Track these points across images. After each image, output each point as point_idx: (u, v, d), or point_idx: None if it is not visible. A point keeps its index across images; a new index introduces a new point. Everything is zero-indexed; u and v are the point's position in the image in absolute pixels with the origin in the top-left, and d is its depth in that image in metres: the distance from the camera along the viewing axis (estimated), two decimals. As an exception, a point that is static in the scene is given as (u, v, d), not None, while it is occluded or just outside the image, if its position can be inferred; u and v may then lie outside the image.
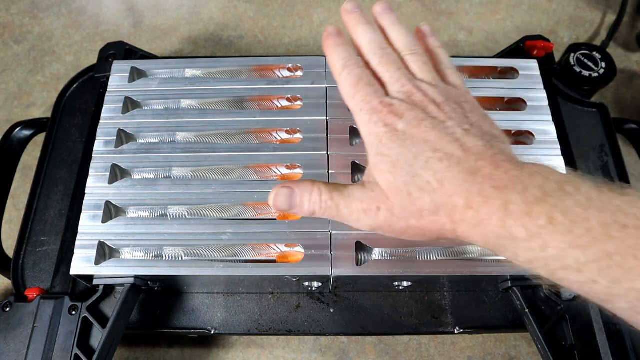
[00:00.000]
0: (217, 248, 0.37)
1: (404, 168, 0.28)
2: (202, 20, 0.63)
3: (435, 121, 0.29)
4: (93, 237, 0.37)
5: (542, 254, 0.25)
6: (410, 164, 0.28)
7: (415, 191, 0.28)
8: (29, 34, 0.62)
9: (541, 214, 0.24)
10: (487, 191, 0.26)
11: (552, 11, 0.64)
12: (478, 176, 0.27)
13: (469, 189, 0.27)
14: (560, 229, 0.24)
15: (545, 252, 0.25)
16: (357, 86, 0.31)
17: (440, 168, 0.28)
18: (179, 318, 0.40)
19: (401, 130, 0.29)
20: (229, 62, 0.45)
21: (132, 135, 0.42)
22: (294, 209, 0.31)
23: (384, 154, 0.29)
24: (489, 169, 0.27)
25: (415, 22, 0.63)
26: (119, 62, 0.46)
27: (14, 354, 0.36)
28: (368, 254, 0.37)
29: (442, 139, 0.28)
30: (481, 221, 0.26)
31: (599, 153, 0.46)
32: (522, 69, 0.45)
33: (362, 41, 0.34)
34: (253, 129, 0.42)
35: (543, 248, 0.25)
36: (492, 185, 0.26)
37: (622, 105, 0.57)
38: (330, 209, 0.31)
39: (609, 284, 0.23)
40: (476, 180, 0.27)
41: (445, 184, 0.27)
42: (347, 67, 0.33)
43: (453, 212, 0.27)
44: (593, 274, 0.24)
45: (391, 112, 0.30)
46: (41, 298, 0.38)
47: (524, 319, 0.37)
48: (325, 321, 0.40)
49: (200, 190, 0.39)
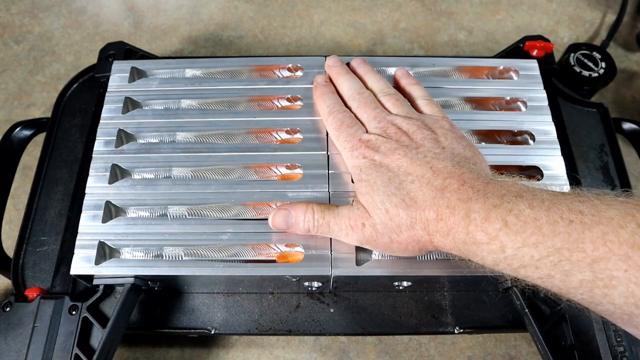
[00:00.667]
0: (217, 248, 0.37)
1: (380, 189, 0.32)
2: (202, 20, 0.63)
3: (407, 149, 0.34)
4: (93, 237, 0.37)
5: (502, 254, 0.28)
6: (386, 185, 0.32)
7: (391, 208, 0.32)
8: (29, 34, 0.62)
9: (497, 218, 0.27)
10: (453, 203, 0.30)
11: (552, 11, 0.64)
12: (446, 192, 0.30)
13: (438, 203, 0.30)
14: (514, 230, 0.27)
15: (504, 252, 0.27)
16: (340, 129, 0.37)
17: (413, 188, 0.32)
18: (179, 318, 0.40)
19: (378, 161, 0.34)
20: (229, 62, 0.45)
21: (132, 135, 0.42)
22: (291, 228, 0.36)
23: (364, 180, 0.34)
24: (455, 185, 0.30)
25: (415, 22, 0.63)
26: (119, 62, 0.46)
27: (14, 354, 0.36)
28: (368, 254, 0.37)
29: (413, 163, 0.33)
30: (449, 230, 0.30)
31: (599, 153, 0.46)
32: (522, 69, 0.45)
33: (343, 88, 0.40)
34: (253, 129, 0.42)
35: (502, 249, 0.27)
36: (457, 197, 0.30)
37: (622, 105, 0.57)
38: (322, 227, 0.35)
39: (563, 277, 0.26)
40: (444, 195, 0.30)
41: (418, 200, 0.31)
42: (332, 113, 0.38)
43: (427, 225, 0.31)
44: (548, 269, 0.26)
45: (368, 147, 0.35)
46: (41, 298, 0.38)
47: (524, 319, 0.37)
48: (325, 321, 0.40)
49: (200, 190, 0.39)
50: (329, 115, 0.39)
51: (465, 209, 0.29)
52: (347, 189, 0.38)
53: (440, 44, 0.61)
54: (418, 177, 0.32)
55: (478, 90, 0.44)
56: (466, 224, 0.29)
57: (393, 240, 0.32)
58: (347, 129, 0.37)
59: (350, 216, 0.34)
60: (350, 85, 0.40)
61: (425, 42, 0.62)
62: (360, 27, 0.63)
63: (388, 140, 0.35)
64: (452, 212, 0.29)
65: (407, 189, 0.32)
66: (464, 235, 0.29)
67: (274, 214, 0.36)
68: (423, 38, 0.62)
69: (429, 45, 0.61)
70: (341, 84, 0.41)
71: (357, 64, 0.42)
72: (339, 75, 0.41)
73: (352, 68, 0.42)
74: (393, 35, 0.62)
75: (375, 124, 0.36)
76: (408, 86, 0.41)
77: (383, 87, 0.40)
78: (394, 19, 0.63)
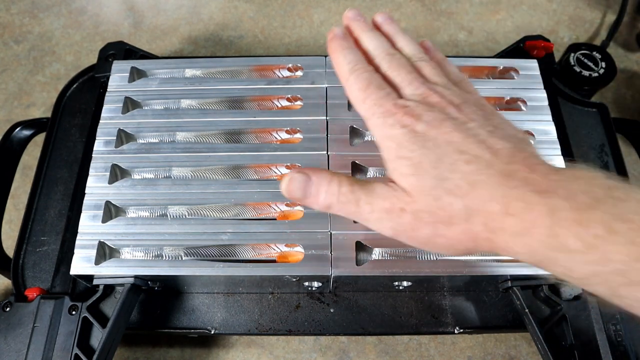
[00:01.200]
0: (217, 248, 0.37)
1: (428, 171, 0.26)
2: (202, 20, 0.63)
3: (456, 122, 0.27)
4: (93, 237, 0.37)
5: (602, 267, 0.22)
6: (435, 166, 0.26)
7: (444, 195, 0.25)
8: (29, 34, 0.62)
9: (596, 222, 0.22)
10: (527, 195, 0.24)
11: (552, 11, 0.64)
12: (513, 179, 0.24)
13: (505, 194, 0.24)
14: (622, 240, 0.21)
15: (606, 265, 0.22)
16: (367, 90, 0.29)
17: (470, 170, 0.25)
18: (179, 318, 0.40)
19: (421, 132, 0.27)
20: (229, 62, 0.45)
21: (132, 135, 0.42)
22: (308, 199, 0.29)
23: (404, 157, 0.27)
24: (523, 172, 0.24)
25: (415, 22, 0.63)
26: (119, 62, 0.46)
27: (14, 354, 0.36)
28: (368, 254, 0.37)
29: (466, 139, 0.26)
30: (525, 229, 0.24)
31: (599, 153, 0.46)
32: (522, 69, 0.45)
33: (370, 46, 0.33)
34: (253, 129, 0.42)
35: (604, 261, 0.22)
36: (531, 189, 0.24)
37: (622, 105, 0.57)
38: (349, 204, 0.28)
39: None
40: (512, 183, 0.24)
41: (478, 187, 0.25)
42: (355, 70, 0.31)
43: (489, 220, 0.25)
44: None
45: (407, 114, 0.27)
46: (41, 298, 0.38)
47: (524, 319, 0.37)
48: (325, 321, 0.40)
49: (200, 190, 0.39)
50: (350, 74, 0.31)
51: (548, 205, 0.23)
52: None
53: (440, 44, 0.61)
54: (475, 157, 0.25)
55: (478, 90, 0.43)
56: (550, 224, 0.23)
57: (438, 233, 0.26)
58: (377, 91, 0.29)
59: (387, 196, 0.27)
60: (378, 43, 0.32)
61: (425, 42, 0.62)
62: (360, 27, 0.63)
63: (432, 109, 0.28)
64: (527, 207, 0.23)
65: (462, 171, 0.25)
66: (546, 238, 0.23)
67: (289, 177, 0.29)
68: (423, 38, 0.61)
69: (429, 45, 0.61)
70: (367, 41, 0.33)
71: (383, 19, 0.35)
72: (363, 31, 0.33)
73: (376, 25, 0.35)
74: (393, 35, 0.62)
75: (413, 89, 0.29)
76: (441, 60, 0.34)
77: (417, 52, 0.33)
78: (394, 19, 0.63)
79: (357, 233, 0.37)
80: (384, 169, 0.39)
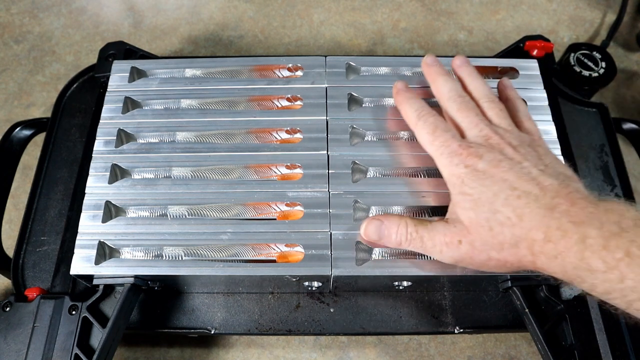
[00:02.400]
0: (217, 248, 0.37)
1: (485, 205, 0.31)
2: (202, 20, 0.63)
3: (512, 162, 0.32)
4: (93, 237, 0.37)
5: (619, 285, 0.26)
6: (491, 201, 0.31)
7: (496, 226, 0.30)
8: (29, 33, 0.62)
9: (618, 247, 0.26)
10: (565, 225, 0.28)
11: (552, 11, 0.64)
12: (555, 212, 0.29)
13: (548, 224, 0.29)
14: (638, 262, 0.26)
15: (622, 283, 0.26)
16: (435, 133, 0.34)
17: (519, 204, 0.30)
18: (179, 318, 0.40)
19: (481, 170, 0.32)
20: (229, 62, 0.45)
21: (132, 135, 0.42)
22: (383, 239, 0.34)
23: (466, 193, 0.32)
24: (565, 205, 0.29)
25: (415, 21, 0.63)
26: (119, 62, 0.46)
27: (14, 353, 0.36)
28: (368, 254, 0.37)
29: (519, 178, 0.31)
30: (559, 253, 0.28)
31: (599, 153, 0.46)
32: (522, 69, 0.45)
33: (443, 89, 0.37)
34: (253, 129, 0.42)
35: (621, 280, 0.26)
36: (569, 220, 0.28)
37: (622, 105, 0.57)
38: (415, 241, 0.33)
39: None
40: (554, 215, 0.29)
41: (525, 219, 0.29)
42: (422, 117, 0.36)
43: (532, 245, 0.29)
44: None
45: (471, 154, 0.32)
46: (41, 298, 0.38)
47: (524, 319, 0.37)
48: (325, 321, 0.40)
49: (200, 190, 0.39)
50: (418, 120, 0.36)
51: (580, 234, 0.27)
52: (348, 189, 0.38)
53: (440, 44, 0.61)
54: (525, 193, 0.30)
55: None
56: (581, 249, 0.27)
57: (492, 258, 0.31)
58: (443, 133, 0.34)
59: (445, 232, 0.32)
60: (452, 87, 0.37)
61: (425, 42, 0.62)
62: (360, 27, 0.63)
63: (492, 150, 0.33)
64: (563, 235, 0.28)
65: (513, 205, 0.30)
66: (576, 260, 0.28)
67: (366, 224, 0.35)
68: (423, 38, 0.62)
69: (429, 45, 0.61)
70: (441, 84, 0.38)
71: (461, 62, 0.40)
72: (439, 75, 0.38)
73: (454, 67, 0.40)
74: (393, 35, 0.62)
75: (477, 131, 0.34)
76: (514, 99, 0.39)
77: (488, 94, 0.37)
78: (394, 19, 0.63)
79: (357, 233, 0.37)
80: (384, 168, 0.39)
